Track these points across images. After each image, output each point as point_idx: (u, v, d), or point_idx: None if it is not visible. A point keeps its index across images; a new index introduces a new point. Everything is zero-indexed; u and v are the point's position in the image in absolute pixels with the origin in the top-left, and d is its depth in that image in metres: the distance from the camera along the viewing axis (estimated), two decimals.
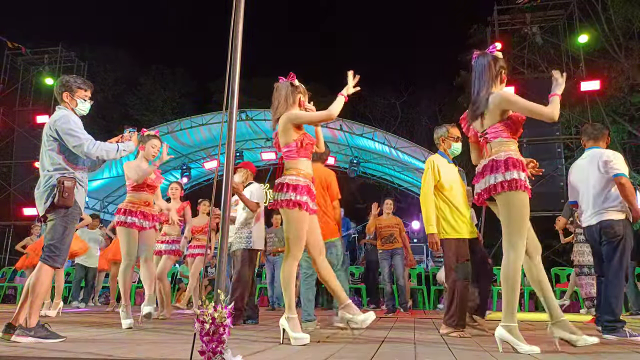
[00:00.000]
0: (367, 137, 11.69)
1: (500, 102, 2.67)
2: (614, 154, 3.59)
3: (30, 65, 13.74)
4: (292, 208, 2.87)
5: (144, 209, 4.18)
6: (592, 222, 3.60)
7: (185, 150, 13.09)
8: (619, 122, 14.07)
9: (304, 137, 2.99)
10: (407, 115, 21.23)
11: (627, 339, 3.29)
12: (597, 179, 3.57)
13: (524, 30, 11.68)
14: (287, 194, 2.88)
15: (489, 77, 2.74)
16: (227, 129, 2.13)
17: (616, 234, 3.46)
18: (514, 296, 2.55)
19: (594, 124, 3.92)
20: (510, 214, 2.57)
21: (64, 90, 3.11)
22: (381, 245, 6.57)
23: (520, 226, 2.55)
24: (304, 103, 3.12)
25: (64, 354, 2.34)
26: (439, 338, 3.27)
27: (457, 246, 3.49)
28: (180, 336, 3.24)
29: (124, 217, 4.08)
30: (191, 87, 23.57)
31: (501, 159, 2.61)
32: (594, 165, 3.61)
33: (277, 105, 3.07)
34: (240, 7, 2.22)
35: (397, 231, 6.58)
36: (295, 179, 2.93)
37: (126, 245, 4.05)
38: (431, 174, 3.57)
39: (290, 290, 2.90)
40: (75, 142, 2.97)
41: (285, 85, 3.08)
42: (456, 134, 3.74)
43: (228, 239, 2.16)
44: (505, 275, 2.55)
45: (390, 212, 6.73)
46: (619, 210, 3.50)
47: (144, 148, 4.26)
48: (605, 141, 3.79)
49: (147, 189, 4.24)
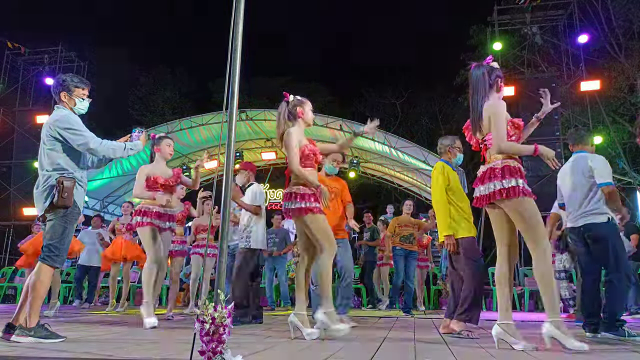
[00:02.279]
0: (367, 137, 11.69)
1: (490, 110, 2.74)
2: (599, 159, 3.66)
3: (30, 65, 13.75)
4: (306, 214, 3.08)
5: (159, 209, 4.18)
6: (576, 224, 3.68)
7: (185, 150, 13.10)
8: (619, 122, 14.07)
9: (304, 148, 3.17)
10: (407, 115, 21.23)
11: (626, 339, 3.30)
12: (581, 182, 3.66)
13: (524, 30, 11.70)
14: (296, 202, 3.09)
15: (484, 87, 2.83)
16: (227, 129, 2.13)
17: (600, 236, 3.52)
18: (555, 291, 2.62)
19: (578, 128, 4.00)
20: (525, 220, 2.63)
21: (61, 89, 3.09)
22: (400, 243, 6.57)
23: (539, 228, 2.64)
24: (302, 112, 3.28)
25: (64, 354, 2.34)
26: (439, 338, 3.27)
27: (471, 244, 3.60)
28: (180, 336, 3.25)
29: (141, 217, 4.10)
30: (191, 87, 23.59)
31: (498, 167, 2.69)
32: (578, 169, 3.71)
33: (278, 125, 3.29)
34: (240, 7, 2.22)
35: (415, 232, 6.60)
36: (303, 188, 3.13)
37: (150, 245, 4.06)
38: (442, 178, 3.66)
39: (328, 284, 3.08)
40: (79, 140, 2.96)
41: (282, 105, 3.29)
42: (460, 145, 3.92)
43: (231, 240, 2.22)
44: (541, 272, 2.60)
45: (410, 213, 6.79)
46: (601, 212, 3.56)
47: (159, 150, 4.30)
48: (591, 144, 3.90)
49: (162, 189, 4.22)
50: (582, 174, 3.65)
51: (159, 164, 4.31)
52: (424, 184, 12.91)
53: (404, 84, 20.89)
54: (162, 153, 4.31)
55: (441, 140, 3.99)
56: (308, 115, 3.32)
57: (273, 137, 13.00)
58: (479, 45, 14.88)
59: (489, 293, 8.64)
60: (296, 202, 3.09)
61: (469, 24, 15.60)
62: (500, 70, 2.94)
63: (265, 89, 19.77)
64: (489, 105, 2.77)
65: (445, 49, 20.15)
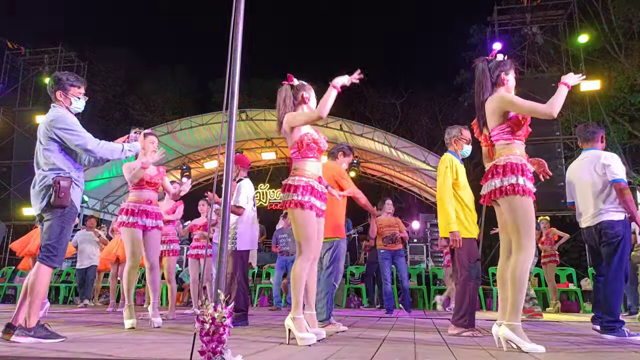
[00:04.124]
0: (367, 137, 11.69)
1: (499, 104, 2.69)
2: (612, 156, 3.61)
3: (30, 65, 13.75)
4: (295, 208, 2.88)
5: (146, 207, 4.10)
6: (592, 223, 3.61)
7: (185, 150, 13.10)
8: (619, 122, 14.08)
9: (304, 137, 2.96)
10: (407, 115, 21.22)
11: (626, 339, 3.30)
12: (595, 180, 3.60)
13: (524, 30, 11.69)
14: (290, 194, 2.90)
15: (486, 83, 2.79)
16: (227, 129, 2.13)
17: (616, 235, 3.47)
18: (520, 296, 2.55)
19: (587, 125, 3.93)
20: (516, 218, 2.59)
21: (57, 88, 3.05)
22: (383, 245, 6.56)
23: (528, 229, 2.58)
24: (308, 99, 3.08)
25: (63, 354, 2.33)
26: (439, 338, 3.27)
27: (470, 246, 3.51)
28: (180, 336, 3.24)
29: (127, 217, 4.01)
30: (191, 87, 23.60)
31: (500, 164, 2.65)
32: (591, 167, 3.64)
33: (278, 109, 3.06)
34: (240, 7, 2.22)
35: (397, 231, 6.59)
36: (298, 179, 2.93)
37: (130, 245, 3.96)
38: (450, 171, 3.56)
39: (298, 290, 2.87)
40: (77, 140, 2.94)
41: (284, 89, 3.07)
42: (468, 136, 3.76)
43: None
44: (513, 275, 2.56)
45: (391, 213, 6.77)
46: (618, 210, 3.51)
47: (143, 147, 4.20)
48: (601, 141, 3.81)
49: (147, 187, 4.16)
50: (596, 172, 3.59)
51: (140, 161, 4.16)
52: (424, 184, 12.91)
53: (404, 84, 20.92)
54: (145, 151, 4.10)
55: (448, 130, 3.82)
56: (313, 103, 3.10)
57: (273, 137, 13.00)
58: (479, 45, 14.90)
59: (489, 293, 8.65)
60: (290, 194, 2.90)
61: (469, 23, 15.64)
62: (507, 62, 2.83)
63: (265, 89, 19.77)
64: (497, 97, 2.70)
65: (445, 48, 20.18)
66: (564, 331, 4.08)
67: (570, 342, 3.10)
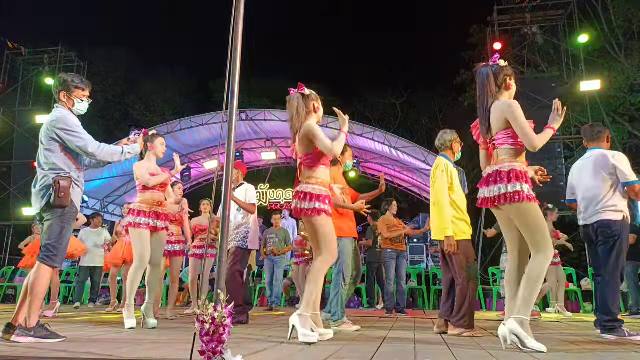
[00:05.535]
0: (367, 137, 11.69)
1: (505, 114, 2.68)
2: (620, 156, 3.60)
3: (30, 65, 13.75)
4: (319, 215, 2.96)
5: (156, 209, 4.10)
6: (590, 221, 3.63)
7: (185, 150, 13.10)
8: (619, 122, 14.08)
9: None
10: (407, 115, 21.23)
11: (625, 339, 3.30)
12: (598, 179, 3.60)
13: (524, 30, 11.68)
14: (312, 202, 2.97)
15: (490, 88, 2.79)
16: (227, 129, 2.13)
17: (613, 234, 3.49)
18: (535, 294, 2.59)
19: (593, 124, 3.92)
20: (529, 224, 2.61)
21: (61, 89, 3.07)
22: (390, 244, 6.57)
23: (543, 232, 2.61)
24: (319, 109, 3.17)
25: (63, 354, 2.33)
26: (439, 338, 3.27)
27: (466, 247, 3.55)
28: (180, 336, 3.24)
29: (138, 218, 4.00)
30: (191, 87, 23.59)
31: (505, 170, 2.65)
32: (596, 166, 3.64)
33: (292, 117, 3.13)
34: (240, 7, 2.22)
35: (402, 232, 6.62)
36: (318, 188, 3.01)
37: (140, 246, 3.95)
38: (445, 175, 3.59)
39: (312, 289, 2.92)
40: (78, 142, 2.95)
41: (297, 97, 3.12)
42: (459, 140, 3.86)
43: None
44: (531, 274, 2.57)
45: (395, 214, 6.81)
46: (616, 210, 3.52)
47: (152, 147, 4.21)
48: (607, 141, 3.81)
49: (157, 188, 4.16)
50: (603, 171, 3.58)
51: (150, 162, 4.20)
52: (424, 184, 12.90)
53: (404, 84, 20.93)
54: (155, 151, 4.19)
55: (442, 135, 3.84)
56: (321, 113, 3.19)
57: (273, 137, 13.00)
58: (479, 45, 14.89)
59: (489, 293, 8.65)
60: (310, 202, 2.96)
61: (469, 23, 15.63)
62: (509, 68, 2.86)
63: (265, 89, 19.78)
64: (506, 104, 2.70)
65: (446, 48, 20.19)
66: (564, 331, 4.08)
67: (570, 342, 3.10)
